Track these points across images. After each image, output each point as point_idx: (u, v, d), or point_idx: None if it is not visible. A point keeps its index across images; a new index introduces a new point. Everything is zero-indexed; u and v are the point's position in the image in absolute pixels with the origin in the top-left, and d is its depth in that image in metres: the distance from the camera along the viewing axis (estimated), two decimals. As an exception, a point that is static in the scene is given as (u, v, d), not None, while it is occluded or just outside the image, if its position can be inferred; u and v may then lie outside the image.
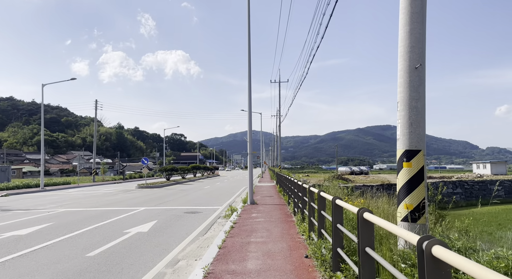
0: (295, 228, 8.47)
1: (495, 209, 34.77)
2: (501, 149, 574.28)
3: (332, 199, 4.33)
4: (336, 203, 4.25)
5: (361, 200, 8.52)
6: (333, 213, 4.30)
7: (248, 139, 14.52)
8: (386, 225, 2.58)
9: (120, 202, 17.00)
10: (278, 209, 12.32)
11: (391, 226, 2.48)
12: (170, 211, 13.46)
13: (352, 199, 10.54)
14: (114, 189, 28.54)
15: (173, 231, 9.23)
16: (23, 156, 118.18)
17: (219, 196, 20.47)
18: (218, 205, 15.56)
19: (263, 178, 45.91)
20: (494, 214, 31.15)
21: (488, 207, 36.36)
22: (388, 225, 2.53)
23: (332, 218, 4.30)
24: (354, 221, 6.24)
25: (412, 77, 4.37)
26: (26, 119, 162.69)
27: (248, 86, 14.30)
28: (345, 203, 3.77)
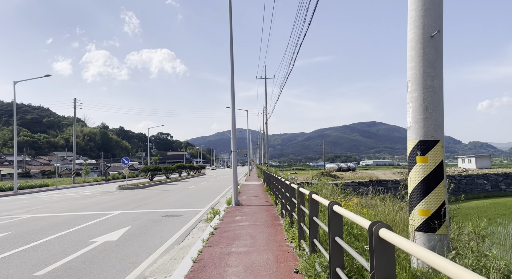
0: (282, 234, 7.53)
1: (483, 203, 34.67)
2: (483, 144, 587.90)
3: (329, 205, 3.39)
4: (334, 211, 3.31)
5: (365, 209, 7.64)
6: (330, 223, 3.36)
7: (232, 135, 13.52)
8: (411, 248, 1.65)
9: (95, 206, 15.79)
10: (265, 211, 11.38)
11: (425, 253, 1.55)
12: (148, 215, 12.37)
13: (348, 200, 9.67)
14: (93, 191, 27.13)
15: (146, 239, 8.18)
16: (3, 158, 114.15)
17: (203, 196, 19.42)
18: (201, 207, 14.53)
19: (250, 176, 44.96)
20: (483, 209, 30.95)
21: (476, 201, 36.33)
22: (417, 250, 1.60)
23: (330, 228, 3.36)
24: (357, 232, 5.34)
25: (427, 48, 3.47)
26: (6, 120, 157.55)
27: (231, 78, 13.29)
28: (348, 212, 2.84)
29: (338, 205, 3.33)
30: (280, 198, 9.94)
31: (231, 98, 13.36)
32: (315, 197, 4.46)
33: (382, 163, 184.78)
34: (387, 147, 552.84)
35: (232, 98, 13.36)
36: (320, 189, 11.63)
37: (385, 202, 9.66)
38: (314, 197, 4.50)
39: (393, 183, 35.55)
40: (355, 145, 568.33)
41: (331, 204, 3.37)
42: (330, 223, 3.37)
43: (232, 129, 13.51)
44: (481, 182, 41.72)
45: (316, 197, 4.38)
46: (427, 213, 3.35)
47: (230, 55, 13.40)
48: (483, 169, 57.08)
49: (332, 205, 3.36)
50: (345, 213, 2.93)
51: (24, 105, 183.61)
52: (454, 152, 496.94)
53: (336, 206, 3.31)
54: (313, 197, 4.57)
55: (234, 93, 13.39)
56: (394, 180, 36.01)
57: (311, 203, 4.64)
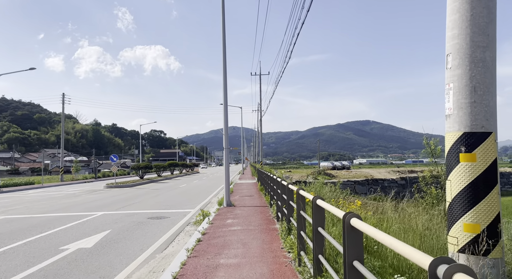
0: (278, 241, 6.67)
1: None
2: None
3: (345, 217, 2.54)
4: (352, 225, 2.46)
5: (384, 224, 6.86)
6: (347, 241, 2.51)
7: (224, 131, 12.61)
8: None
9: (78, 206, 14.79)
10: (259, 213, 10.51)
11: None
12: (132, 216, 11.43)
13: (350, 202, 8.87)
14: (80, 189, 26.05)
15: (126, 246, 7.27)
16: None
17: (193, 196, 18.51)
18: (191, 207, 13.62)
19: (244, 174, 44.09)
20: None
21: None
22: None
23: (346, 249, 2.50)
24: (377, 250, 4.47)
25: (476, 8, 2.63)
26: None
27: (223, 68, 12.37)
28: (382, 234, 1.97)
29: (358, 218, 2.47)
30: (276, 200, 9.09)
31: (223, 90, 12.45)
32: (321, 203, 3.60)
33: (375, 162, 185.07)
34: (381, 146, 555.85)
35: (224, 90, 12.45)
36: (319, 189, 10.80)
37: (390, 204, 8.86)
38: (320, 204, 3.63)
39: (389, 182, 34.96)
40: (349, 143, 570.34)
41: (347, 217, 2.51)
42: (347, 241, 2.50)
43: (224, 124, 12.61)
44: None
45: (323, 203, 3.52)
46: (475, 230, 2.52)
47: (222, 42, 12.49)
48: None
49: (350, 218, 2.50)
50: (375, 234, 2.06)
51: (14, 101, 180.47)
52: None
53: (354, 219, 2.45)
54: (318, 203, 3.71)
55: (226, 85, 12.49)
56: (390, 179, 35.42)
57: (317, 211, 3.78)
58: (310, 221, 4.40)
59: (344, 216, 2.57)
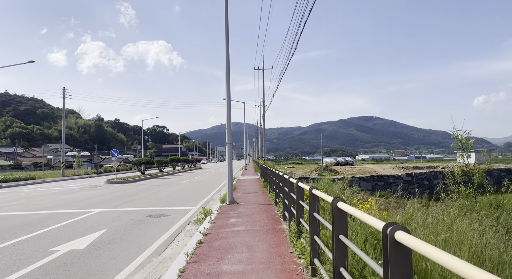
0: (287, 244, 6.10)
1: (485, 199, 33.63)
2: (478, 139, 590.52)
3: (387, 229, 1.96)
4: (398, 241, 1.88)
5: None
6: (390, 261, 1.92)
7: (227, 126, 12.02)
8: None
9: (77, 202, 14.29)
10: (263, 211, 9.95)
11: None
12: (131, 214, 10.91)
13: (361, 200, 8.29)
14: (81, 184, 25.61)
15: (121, 248, 6.73)
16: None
17: (195, 192, 17.98)
18: (192, 204, 13.08)
19: (246, 170, 43.56)
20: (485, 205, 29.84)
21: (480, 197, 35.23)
22: None
23: (389, 271, 1.92)
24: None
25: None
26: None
27: (226, 58, 11.75)
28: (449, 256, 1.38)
29: (405, 231, 1.88)
30: (282, 198, 8.51)
31: (226, 81, 11.85)
32: (345, 207, 3.01)
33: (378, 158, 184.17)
34: (383, 142, 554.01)
35: (227, 80, 11.84)
36: (327, 186, 10.21)
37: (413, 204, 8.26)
38: (344, 208, 3.04)
39: (395, 178, 34.30)
40: (351, 139, 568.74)
41: (391, 230, 1.92)
42: (391, 261, 1.92)
43: (227, 118, 12.01)
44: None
45: (348, 207, 2.93)
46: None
47: (225, 31, 11.86)
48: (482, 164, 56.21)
49: (394, 230, 1.91)
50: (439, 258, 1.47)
51: (18, 96, 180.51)
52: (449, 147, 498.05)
53: (402, 234, 1.86)
54: (340, 206, 3.12)
55: (229, 76, 11.88)
56: (396, 176, 34.76)
57: (338, 216, 3.20)
58: (326, 224, 3.82)
59: (385, 227, 1.99)
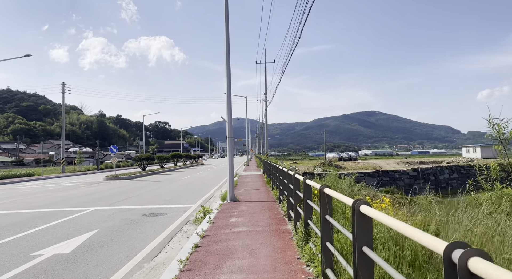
0: (293, 248, 5.47)
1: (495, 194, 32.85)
2: (481, 133, 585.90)
3: (451, 252, 1.30)
4: (472, 271, 1.22)
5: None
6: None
7: (227, 118, 11.36)
8: None
9: (71, 200, 13.73)
10: (267, 209, 9.33)
11: None
12: (126, 212, 10.32)
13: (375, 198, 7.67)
14: (80, 181, 25.09)
15: (110, 252, 6.14)
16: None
17: (196, 189, 17.40)
18: (191, 202, 12.49)
19: (249, 166, 42.97)
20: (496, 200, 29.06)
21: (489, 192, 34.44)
22: None
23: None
24: None
25: None
26: (1, 107, 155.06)
27: (226, 46, 11.07)
28: None
29: (483, 257, 1.24)
30: (287, 196, 7.87)
31: (226, 71, 11.18)
32: (372, 213, 2.37)
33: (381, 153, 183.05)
34: (386, 137, 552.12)
35: (227, 70, 11.18)
36: (335, 183, 9.57)
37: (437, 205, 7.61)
38: (369, 213, 2.40)
39: (401, 173, 33.60)
40: (354, 134, 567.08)
41: (464, 255, 1.28)
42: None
43: (227, 111, 11.35)
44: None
45: (378, 214, 2.29)
46: None
47: (225, 21, 11.18)
48: (489, 158, 55.24)
49: (468, 256, 1.27)
50: None
51: (20, 92, 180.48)
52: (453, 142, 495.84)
53: (478, 262, 1.22)
54: (364, 210, 2.48)
55: (229, 66, 11.21)
56: (402, 171, 34.05)
57: (361, 222, 2.56)
58: (344, 232, 3.18)
59: (449, 249, 1.34)
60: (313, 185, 4.50)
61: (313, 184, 4.45)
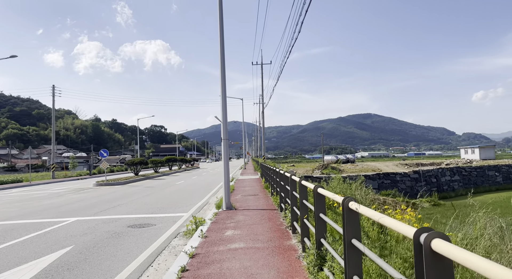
0: (302, 273, 4.45)
1: (499, 197, 31.96)
2: (476, 135, 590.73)
3: None
4: None
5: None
6: None
7: (222, 118, 10.34)
8: None
9: (53, 209, 12.63)
10: (267, 220, 8.30)
11: None
12: (110, 223, 9.26)
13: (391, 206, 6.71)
14: (68, 187, 23.92)
15: (81, 276, 5.08)
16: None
17: (190, 194, 16.34)
18: (184, 210, 11.44)
19: (246, 169, 41.91)
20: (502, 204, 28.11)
21: (491, 194, 33.60)
22: None
23: None
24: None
25: None
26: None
27: (221, 39, 10.08)
28: None
29: None
30: (290, 205, 6.85)
31: (221, 64, 10.18)
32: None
33: (377, 155, 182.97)
34: (382, 139, 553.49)
35: (221, 64, 10.18)
36: (345, 188, 8.55)
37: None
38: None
39: (402, 176, 32.68)
40: (350, 137, 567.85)
41: None
42: None
43: (222, 109, 10.33)
44: (492, 174, 39.03)
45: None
46: None
47: (218, 11, 10.20)
48: (488, 160, 54.56)
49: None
50: None
51: (13, 97, 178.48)
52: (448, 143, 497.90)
53: None
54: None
55: (223, 56, 10.22)
56: (403, 173, 33.15)
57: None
58: (373, 258, 2.17)
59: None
60: (329, 196, 3.49)
61: (331, 196, 3.44)
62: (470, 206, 22.82)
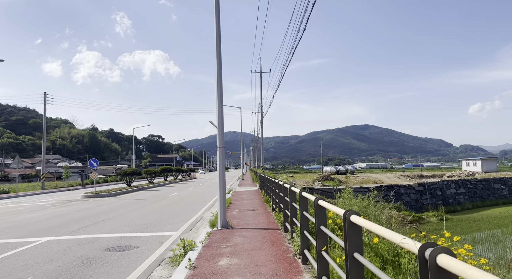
0: None
1: (507, 211, 30.60)
2: (473, 147, 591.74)
3: None
4: None
5: None
6: None
7: (218, 124, 9.08)
8: None
9: (27, 225, 11.25)
10: (269, 243, 6.99)
11: None
12: (86, 245, 7.92)
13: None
14: (54, 199, 22.47)
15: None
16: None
17: (183, 208, 14.98)
18: (174, 228, 10.10)
19: (244, 180, 40.50)
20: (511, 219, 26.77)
21: (499, 208, 32.25)
22: None
23: None
24: None
25: None
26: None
27: (217, 38, 8.93)
28: None
29: None
30: (299, 227, 5.55)
31: (217, 62, 9.00)
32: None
33: (375, 166, 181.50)
34: (380, 150, 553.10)
35: (218, 61, 9.00)
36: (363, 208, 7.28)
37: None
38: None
39: (406, 188, 31.37)
40: (348, 148, 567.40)
41: None
42: None
43: (217, 113, 9.09)
44: (498, 187, 37.75)
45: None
46: None
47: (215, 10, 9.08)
48: (490, 172, 53.38)
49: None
50: None
51: (9, 106, 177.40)
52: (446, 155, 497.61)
53: None
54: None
55: (220, 54, 9.05)
56: (407, 185, 31.85)
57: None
58: None
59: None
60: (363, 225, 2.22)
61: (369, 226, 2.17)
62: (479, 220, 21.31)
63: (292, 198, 6.55)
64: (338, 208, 3.12)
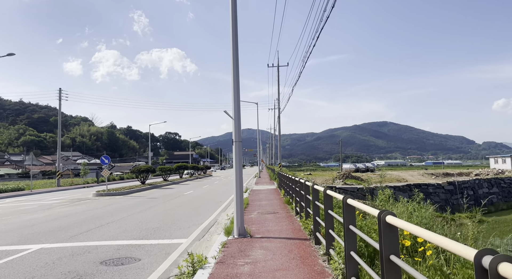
0: None
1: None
2: (497, 144, 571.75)
3: None
4: None
5: None
6: None
7: (234, 114, 7.74)
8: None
9: (24, 228, 10.24)
10: (298, 259, 5.60)
11: None
12: (80, 256, 6.74)
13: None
14: (66, 197, 21.72)
15: None
16: (6, 157, 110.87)
17: (196, 209, 13.76)
18: (184, 234, 8.84)
19: (260, 178, 39.19)
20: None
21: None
22: None
23: None
24: None
25: None
26: (13, 119, 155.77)
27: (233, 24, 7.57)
28: None
29: None
30: (345, 248, 4.13)
31: (232, 49, 7.64)
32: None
33: (394, 164, 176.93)
34: (398, 147, 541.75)
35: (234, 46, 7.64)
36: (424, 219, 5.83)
37: None
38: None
39: (435, 187, 29.36)
40: (366, 145, 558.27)
41: None
42: None
43: (233, 102, 7.73)
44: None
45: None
46: None
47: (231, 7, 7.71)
48: (523, 170, 50.24)
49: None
50: None
51: (32, 104, 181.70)
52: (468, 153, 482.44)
53: None
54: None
55: (236, 39, 7.69)
56: (436, 184, 29.82)
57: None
58: None
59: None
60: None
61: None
62: (521, 223, 18.34)
63: (328, 205, 5.13)
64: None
